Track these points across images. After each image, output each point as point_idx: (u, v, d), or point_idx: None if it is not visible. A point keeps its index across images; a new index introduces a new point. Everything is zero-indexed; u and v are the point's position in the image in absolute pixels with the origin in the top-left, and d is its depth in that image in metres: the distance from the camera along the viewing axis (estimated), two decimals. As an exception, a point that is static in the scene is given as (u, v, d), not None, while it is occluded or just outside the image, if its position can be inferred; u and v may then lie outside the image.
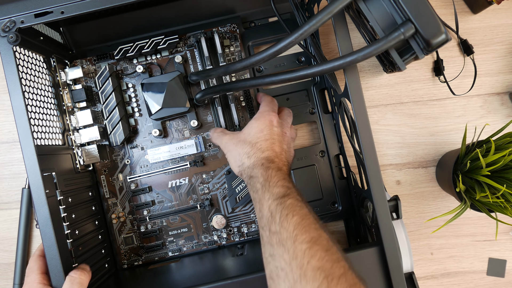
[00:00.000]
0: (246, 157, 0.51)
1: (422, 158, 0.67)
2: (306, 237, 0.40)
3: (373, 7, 0.42)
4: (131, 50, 0.60)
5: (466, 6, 0.66)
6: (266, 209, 0.44)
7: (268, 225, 0.43)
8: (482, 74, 0.66)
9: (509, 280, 0.65)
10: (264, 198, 0.45)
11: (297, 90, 0.65)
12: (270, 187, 0.46)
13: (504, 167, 0.55)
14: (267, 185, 0.46)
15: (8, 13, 0.47)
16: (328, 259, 0.38)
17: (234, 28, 0.63)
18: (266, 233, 0.43)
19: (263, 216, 0.45)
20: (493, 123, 0.66)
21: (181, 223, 0.63)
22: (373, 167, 0.46)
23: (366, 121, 0.46)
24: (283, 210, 0.43)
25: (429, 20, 0.38)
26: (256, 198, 0.47)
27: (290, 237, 0.40)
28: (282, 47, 0.45)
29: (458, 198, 0.58)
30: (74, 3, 0.47)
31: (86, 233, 0.56)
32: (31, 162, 0.47)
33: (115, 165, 0.63)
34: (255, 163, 0.49)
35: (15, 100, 0.47)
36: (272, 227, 0.42)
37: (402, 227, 0.49)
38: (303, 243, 0.39)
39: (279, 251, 0.40)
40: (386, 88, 0.67)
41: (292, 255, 0.39)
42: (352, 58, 0.42)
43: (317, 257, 0.38)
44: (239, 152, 0.52)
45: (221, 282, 0.46)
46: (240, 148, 0.52)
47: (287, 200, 0.44)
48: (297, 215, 0.42)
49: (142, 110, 0.63)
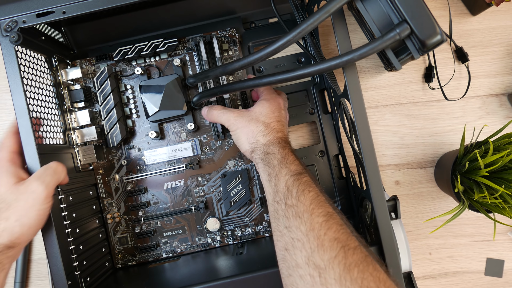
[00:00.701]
0: (261, 135, 0.52)
1: (421, 158, 0.67)
2: (322, 211, 0.42)
3: (370, 7, 0.42)
4: (130, 52, 0.60)
5: (465, 8, 0.67)
6: (282, 184, 0.46)
7: (284, 199, 0.45)
8: (481, 75, 0.67)
9: (506, 280, 0.66)
10: (281, 173, 0.47)
11: (297, 91, 0.65)
12: (288, 164, 0.48)
13: (502, 168, 0.55)
14: (284, 161, 0.48)
15: (10, 13, 0.47)
16: (344, 231, 0.40)
17: (233, 33, 0.63)
18: (282, 206, 0.44)
19: (278, 191, 0.46)
20: (491, 124, 0.66)
21: (175, 224, 0.64)
22: (372, 167, 0.46)
23: (365, 122, 0.46)
24: (300, 186, 0.44)
25: (425, 21, 0.39)
26: (271, 173, 0.48)
27: (307, 210, 0.42)
28: (280, 45, 0.45)
29: (457, 198, 0.59)
30: (76, 3, 0.47)
31: (87, 232, 0.56)
32: (32, 161, 0.47)
33: (112, 165, 0.64)
34: (272, 141, 0.51)
35: (17, 100, 0.47)
36: (289, 201, 0.44)
37: (401, 227, 0.49)
38: (319, 216, 0.41)
39: (296, 223, 0.41)
40: (385, 89, 0.68)
41: (309, 227, 0.40)
42: (348, 58, 0.42)
43: (333, 229, 0.40)
44: (253, 130, 0.53)
45: (221, 281, 0.47)
46: (254, 126, 0.53)
47: (303, 177, 0.46)
48: (313, 191, 0.44)
49: (140, 111, 0.63)
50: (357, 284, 0.35)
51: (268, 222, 0.63)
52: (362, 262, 0.37)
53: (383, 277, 0.36)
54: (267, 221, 0.63)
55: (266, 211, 0.63)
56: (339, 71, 0.61)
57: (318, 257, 0.38)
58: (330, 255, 0.37)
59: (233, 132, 0.55)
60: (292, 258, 0.40)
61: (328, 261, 0.37)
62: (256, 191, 0.63)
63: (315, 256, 0.38)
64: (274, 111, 0.54)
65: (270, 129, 0.52)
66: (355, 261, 0.37)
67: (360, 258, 0.37)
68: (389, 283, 0.35)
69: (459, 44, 0.67)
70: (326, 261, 0.37)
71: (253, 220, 0.63)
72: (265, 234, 0.63)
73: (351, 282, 0.35)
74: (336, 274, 0.36)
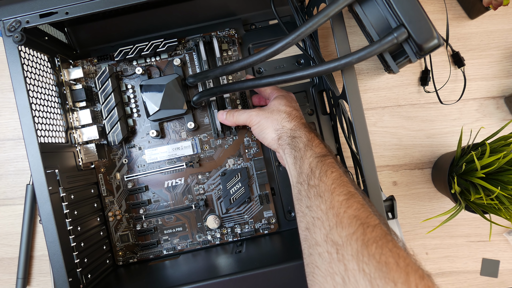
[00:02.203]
0: (286, 121, 0.53)
1: (419, 160, 0.68)
2: (343, 190, 0.41)
3: (369, 11, 0.43)
4: (131, 52, 0.61)
5: (464, 11, 0.67)
6: (306, 165, 0.46)
7: (307, 180, 0.45)
8: (478, 78, 0.67)
9: (502, 280, 0.66)
10: (305, 156, 0.47)
11: (296, 92, 0.66)
12: (313, 147, 0.48)
13: (499, 170, 0.56)
14: (310, 144, 0.49)
15: (14, 13, 0.48)
16: (364, 210, 0.39)
17: (232, 33, 0.64)
18: (305, 187, 0.45)
19: (302, 172, 0.46)
20: (488, 127, 0.67)
21: (176, 222, 0.64)
22: (369, 167, 0.46)
23: (363, 123, 0.46)
24: (323, 167, 0.45)
25: (422, 26, 0.39)
26: (297, 156, 0.49)
27: (328, 189, 0.42)
28: (279, 47, 0.46)
29: (453, 199, 0.59)
30: (78, 4, 0.48)
31: (88, 229, 0.57)
32: (34, 160, 0.48)
33: (113, 164, 0.64)
34: (298, 125, 0.52)
35: (20, 99, 0.48)
36: (311, 181, 0.44)
37: (398, 227, 0.49)
38: (340, 195, 0.41)
39: (316, 202, 0.42)
40: (384, 90, 0.68)
41: (330, 205, 0.40)
42: (346, 61, 0.43)
43: (354, 207, 0.39)
44: (277, 118, 0.54)
45: (220, 279, 0.47)
46: (277, 115, 0.54)
47: (327, 159, 0.46)
48: (336, 172, 0.44)
49: (141, 111, 0.64)
50: (374, 259, 0.34)
51: (267, 220, 0.64)
52: (382, 239, 0.36)
53: (403, 254, 0.34)
54: (266, 219, 0.64)
55: (265, 208, 0.64)
56: (337, 73, 0.61)
57: (336, 234, 0.37)
58: (348, 231, 0.37)
59: (256, 125, 0.56)
60: (312, 237, 0.40)
61: (346, 238, 0.36)
62: (255, 189, 0.64)
63: (333, 233, 0.38)
64: (291, 102, 0.56)
65: (293, 116, 0.54)
66: (373, 238, 0.36)
67: (379, 234, 0.36)
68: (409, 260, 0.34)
69: (457, 47, 0.67)
70: (344, 237, 0.37)
71: (253, 217, 0.64)
72: (264, 231, 0.64)
73: (368, 258, 0.34)
74: (353, 250, 0.35)
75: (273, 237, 0.62)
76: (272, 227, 0.64)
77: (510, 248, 0.67)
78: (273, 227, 0.64)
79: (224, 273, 0.49)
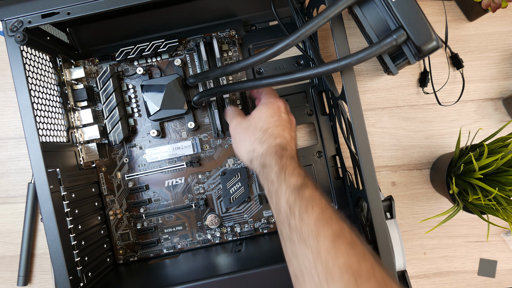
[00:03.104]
0: (258, 143, 0.49)
1: (417, 160, 0.68)
2: (328, 231, 0.38)
3: (368, 13, 0.43)
4: (132, 52, 0.62)
5: (462, 13, 0.68)
6: (284, 203, 0.42)
7: (287, 220, 0.41)
8: (477, 80, 0.68)
9: (499, 280, 0.67)
10: (280, 190, 0.43)
11: (296, 92, 0.66)
12: (286, 177, 0.44)
13: (497, 171, 0.56)
14: (282, 175, 0.44)
15: (16, 13, 0.48)
16: (354, 254, 0.37)
17: (233, 34, 0.64)
18: (286, 228, 0.41)
19: (280, 210, 0.43)
20: (486, 128, 0.67)
21: (176, 221, 0.65)
22: (368, 167, 0.46)
23: (362, 123, 0.47)
24: (302, 203, 0.41)
25: (421, 28, 0.40)
26: (271, 190, 0.45)
27: (311, 233, 0.38)
28: (279, 48, 0.46)
29: (451, 200, 0.59)
30: (80, 4, 0.48)
31: (89, 228, 0.57)
32: (36, 159, 0.48)
33: (114, 163, 0.65)
34: (268, 151, 0.48)
35: (22, 98, 0.48)
36: (292, 222, 0.41)
37: (396, 227, 0.50)
38: (326, 238, 0.38)
39: (302, 249, 0.39)
40: (383, 91, 0.69)
41: (316, 254, 0.37)
42: (346, 62, 0.43)
43: (342, 253, 0.37)
44: (250, 137, 0.50)
45: (220, 278, 0.48)
46: (251, 134, 0.51)
47: (305, 191, 0.42)
48: (317, 207, 0.40)
49: (141, 110, 0.64)
50: None
51: (266, 219, 0.64)
52: None
53: None
54: (266, 218, 0.64)
55: (265, 208, 0.64)
56: (337, 73, 0.62)
57: None
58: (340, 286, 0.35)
59: (232, 138, 0.54)
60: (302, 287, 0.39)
61: None
62: (255, 189, 0.64)
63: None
64: (273, 115, 0.51)
65: (268, 135, 0.49)
66: None
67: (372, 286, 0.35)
68: None
69: (456, 49, 0.68)
70: None
71: (252, 217, 0.64)
72: (264, 230, 0.64)
73: None
74: None
75: (273, 236, 0.63)
76: (272, 227, 0.64)
77: (507, 249, 0.67)
78: (272, 227, 0.64)
79: (224, 272, 0.49)
